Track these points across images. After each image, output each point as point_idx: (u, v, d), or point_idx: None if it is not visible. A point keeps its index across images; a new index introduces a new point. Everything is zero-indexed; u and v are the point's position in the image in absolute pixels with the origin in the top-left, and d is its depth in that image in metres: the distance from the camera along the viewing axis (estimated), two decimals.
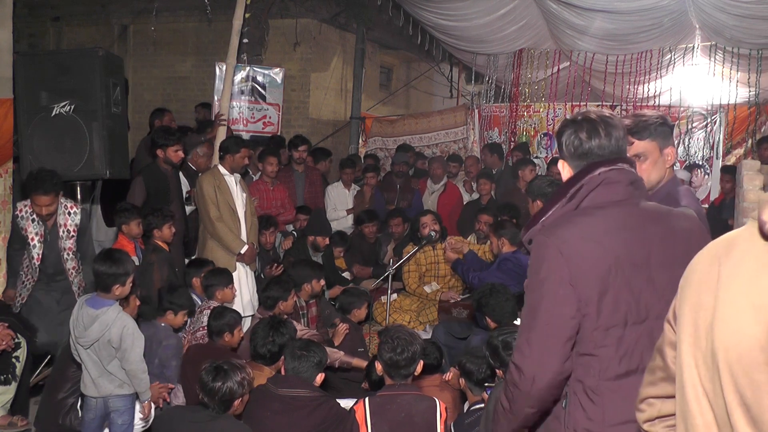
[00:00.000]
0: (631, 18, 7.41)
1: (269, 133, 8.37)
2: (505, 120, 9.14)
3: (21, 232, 4.68)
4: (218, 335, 4.10)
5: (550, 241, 1.89)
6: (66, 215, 4.74)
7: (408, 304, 6.07)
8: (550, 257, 1.87)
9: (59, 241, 4.73)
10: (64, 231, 4.76)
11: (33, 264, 4.70)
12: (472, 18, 8.29)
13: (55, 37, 11.30)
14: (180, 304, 4.27)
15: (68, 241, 4.75)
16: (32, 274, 4.73)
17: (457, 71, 11.70)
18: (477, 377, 3.62)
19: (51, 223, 4.72)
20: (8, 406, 4.28)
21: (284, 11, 9.77)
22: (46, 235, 4.72)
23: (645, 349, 1.86)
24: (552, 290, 1.85)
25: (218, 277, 4.72)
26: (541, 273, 1.88)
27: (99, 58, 4.74)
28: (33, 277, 4.73)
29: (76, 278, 4.84)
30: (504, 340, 3.31)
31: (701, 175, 8.11)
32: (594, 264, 1.85)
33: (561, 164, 2.08)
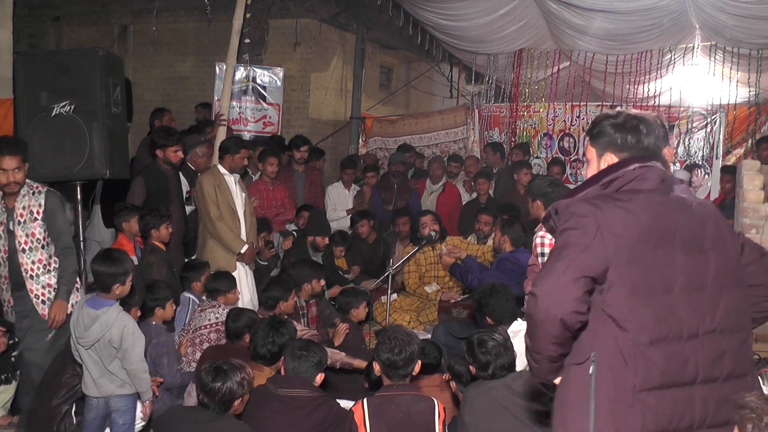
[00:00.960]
0: (631, 18, 7.41)
1: (269, 133, 8.37)
2: (505, 120, 9.14)
3: None
4: (237, 337, 4.11)
5: (584, 204, 1.98)
6: (30, 195, 4.16)
7: (408, 304, 6.07)
8: (583, 212, 1.95)
9: (17, 228, 4.11)
10: (27, 214, 4.13)
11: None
12: (472, 18, 8.29)
13: (55, 37, 11.30)
14: (164, 296, 4.29)
15: (31, 224, 4.12)
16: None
17: (457, 71, 11.70)
18: (466, 379, 3.62)
19: (13, 206, 4.13)
20: (8, 406, 4.28)
21: (284, 11, 9.77)
22: (8, 223, 4.12)
23: (676, 319, 1.92)
24: (580, 238, 1.92)
25: (221, 282, 4.74)
26: (570, 223, 1.95)
27: (99, 58, 4.74)
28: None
29: (43, 276, 4.16)
30: (480, 338, 3.35)
31: (701, 175, 8.11)
32: (625, 230, 1.92)
33: (591, 152, 2.15)
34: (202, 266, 5.07)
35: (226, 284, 4.76)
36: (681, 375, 1.90)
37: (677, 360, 1.91)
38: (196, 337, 4.51)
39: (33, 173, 4.79)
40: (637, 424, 1.87)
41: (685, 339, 1.92)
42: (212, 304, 4.64)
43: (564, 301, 1.86)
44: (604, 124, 2.12)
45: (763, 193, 4.15)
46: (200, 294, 4.98)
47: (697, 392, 1.92)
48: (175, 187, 5.70)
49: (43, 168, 4.74)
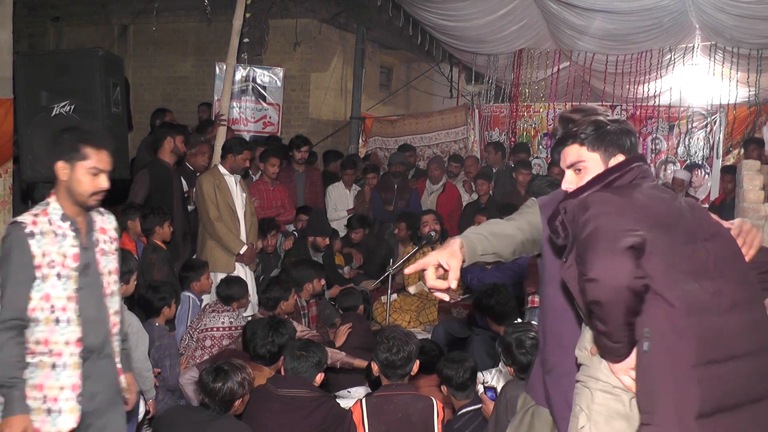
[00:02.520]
0: (631, 18, 7.41)
1: (269, 133, 8.37)
2: (505, 120, 9.15)
3: (27, 266, 2.56)
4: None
5: (601, 193, 2.03)
6: (98, 213, 2.83)
7: (408, 304, 6.07)
8: (604, 198, 1.99)
9: (100, 260, 2.78)
10: (105, 245, 2.81)
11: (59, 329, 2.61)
12: (472, 18, 8.29)
13: (55, 37, 11.30)
14: (169, 295, 4.30)
15: (112, 256, 2.85)
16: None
17: (457, 71, 11.70)
18: (456, 382, 3.62)
19: (90, 227, 2.78)
20: None
21: (284, 11, 9.76)
22: (83, 255, 2.70)
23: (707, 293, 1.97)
24: (609, 217, 1.94)
25: (235, 288, 4.78)
26: (593, 210, 1.95)
27: (99, 58, 4.74)
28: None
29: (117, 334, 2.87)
30: (518, 338, 3.28)
31: (701, 175, 8.11)
32: (647, 210, 1.98)
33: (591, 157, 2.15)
34: (201, 266, 5.09)
35: (240, 290, 4.79)
36: (732, 348, 1.95)
37: (725, 333, 1.95)
38: (205, 337, 4.50)
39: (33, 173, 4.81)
40: (696, 398, 1.90)
41: (724, 312, 1.97)
42: (225, 308, 4.65)
43: (622, 269, 1.87)
44: (604, 128, 2.16)
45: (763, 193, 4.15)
46: (199, 293, 5.00)
47: (750, 365, 1.97)
48: (177, 183, 5.74)
49: (43, 168, 4.74)
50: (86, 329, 2.66)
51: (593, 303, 1.92)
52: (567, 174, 2.22)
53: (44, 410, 2.56)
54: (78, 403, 2.62)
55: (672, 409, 1.91)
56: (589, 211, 1.98)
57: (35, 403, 2.56)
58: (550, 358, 2.45)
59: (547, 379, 2.46)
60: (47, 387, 2.56)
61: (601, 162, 2.15)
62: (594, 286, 1.90)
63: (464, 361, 3.68)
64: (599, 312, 1.93)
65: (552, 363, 2.44)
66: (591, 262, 1.91)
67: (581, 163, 2.17)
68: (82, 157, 2.61)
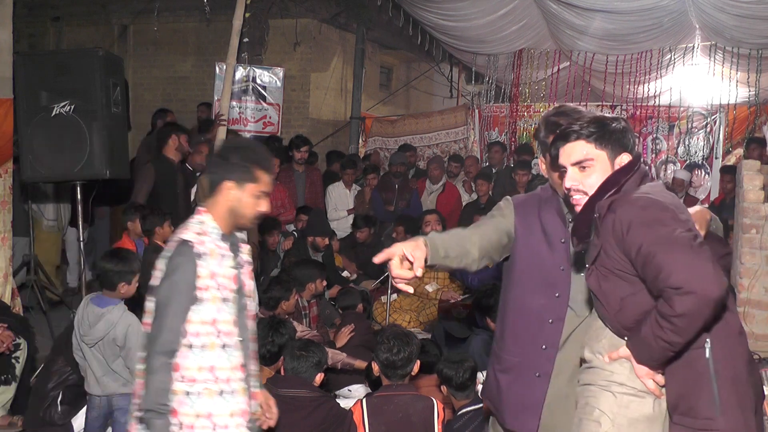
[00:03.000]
0: (630, 18, 7.41)
1: (269, 133, 8.38)
2: (505, 120, 9.15)
3: (193, 288, 2.39)
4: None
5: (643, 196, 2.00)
6: (239, 235, 2.65)
7: (408, 304, 6.07)
8: (653, 202, 1.97)
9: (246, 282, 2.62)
10: (247, 266, 2.64)
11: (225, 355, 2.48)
12: (472, 18, 8.29)
13: (55, 37, 11.29)
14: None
15: (251, 283, 2.68)
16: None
17: (457, 71, 11.69)
18: (456, 382, 3.62)
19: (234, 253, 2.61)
20: (8, 406, 4.28)
21: (284, 11, 9.76)
22: (238, 277, 2.55)
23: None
24: (677, 223, 1.94)
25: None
26: (650, 213, 1.95)
27: (99, 58, 4.75)
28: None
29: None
30: None
31: (701, 175, 8.11)
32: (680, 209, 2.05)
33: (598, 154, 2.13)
34: None
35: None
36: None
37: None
38: None
39: (33, 173, 4.81)
40: (750, 395, 1.99)
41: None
42: None
43: (717, 279, 1.84)
44: (609, 126, 2.14)
45: (763, 193, 4.15)
46: None
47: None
48: (181, 179, 5.78)
49: (43, 168, 4.75)
50: (244, 354, 2.52)
51: (678, 316, 1.85)
52: (570, 171, 2.15)
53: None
54: (248, 429, 2.50)
55: (738, 411, 1.94)
56: (644, 212, 1.94)
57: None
58: (509, 358, 2.49)
59: (502, 378, 2.49)
60: (216, 415, 2.39)
61: (608, 160, 2.11)
62: (687, 300, 1.83)
63: (464, 361, 3.69)
64: (682, 324, 1.86)
65: (510, 362, 2.49)
66: (679, 272, 1.84)
67: (589, 161, 2.11)
68: (253, 179, 2.48)
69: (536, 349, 2.42)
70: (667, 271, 1.85)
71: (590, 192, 2.10)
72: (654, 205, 1.97)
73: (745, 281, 4.10)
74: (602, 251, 2.03)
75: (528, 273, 2.49)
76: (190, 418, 2.36)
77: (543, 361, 2.41)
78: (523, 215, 2.52)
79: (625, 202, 2.00)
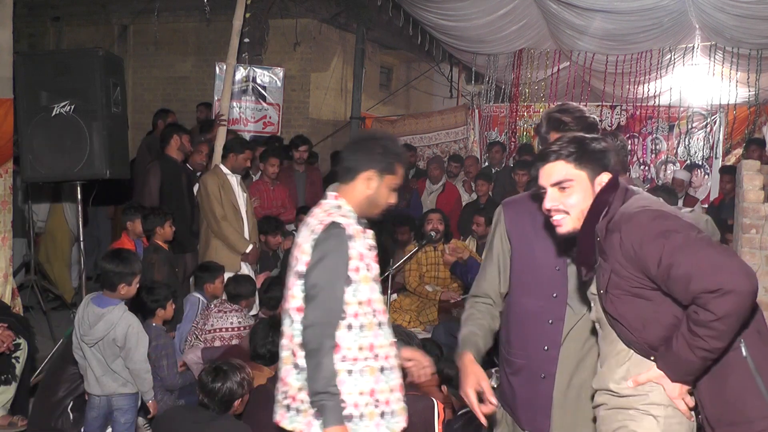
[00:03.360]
0: (631, 18, 7.41)
1: (269, 133, 8.38)
2: (505, 120, 9.15)
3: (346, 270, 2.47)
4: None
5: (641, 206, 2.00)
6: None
7: (408, 304, 6.06)
8: (661, 213, 1.96)
9: None
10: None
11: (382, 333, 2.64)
12: (472, 18, 8.29)
13: (55, 37, 11.29)
14: (163, 296, 4.27)
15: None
16: None
17: (457, 71, 11.70)
18: (457, 381, 3.61)
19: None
20: (8, 406, 4.28)
21: (284, 11, 9.76)
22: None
23: None
24: (685, 222, 1.94)
25: (244, 286, 4.74)
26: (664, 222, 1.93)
27: (99, 58, 4.74)
28: None
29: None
30: None
31: (701, 175, 8.11)
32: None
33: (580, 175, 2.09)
34: (217, 269, 5.02)
35: (250, 289, 4.77)
36: None
37: None
38: (214, 338, 4.47)
39: (33, 173, 4.81)
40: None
41: None
42: (233, 307, 4.61)
43: (748, 271, 1.82)
44: (588, 145, 2.10)
45: (763, 193, 4.14)
46: (211, 296, 4.93)
47: None
48: (185, 178, 5.80)
49: (43, 168, 4.75)
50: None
51: (719, 319, 1.80)
52: (550, 192, 2.12)
53: (378, 414, 2.46)
54: (404, 402, 2.58)
55: None
56: (652, 225, 1.92)
57: (368, 409, 2.44)
58: (516, 360, 2.54)
59: (514, 381, 2.54)
60: (378, 391, 2.46)
61: (588, 180, 2.09)
62: (728, 300, 1.78)
63: None
64: (724, 326, 1.82)
65: (517, 365, 2.53)
66: (712, 274, 1.80)
67: (569, 181, 2.09)
68: (393, 172, 2.52)
69: (539, 351, 2.44)
70: (699, 276, 1.81)
71: (571, 212, 2.09)
72: (658, 215, 1.95)
73: None
74: (613, 274, 1.99)
75: (524, 275, 2.51)
76: (353, 396, 2.42)
77: (546, 363, 2.43)
78: (514, 218, 2.56)
79: (628, 219, 1.97)
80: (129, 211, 5.12)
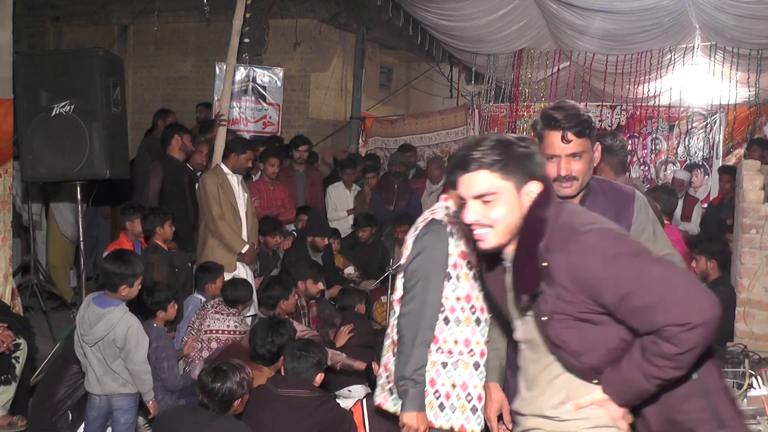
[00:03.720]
0: (631, 18, 7.41)
1: (269, 133, 8.38)
2: (505, 120, 9.14)
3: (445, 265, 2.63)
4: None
5: (588, 225, 1.83)
6: None
7: None
8: (609, 229, 1.84)
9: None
10: None
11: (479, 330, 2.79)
12: (472, 18, 8.29)
13: (55, 37, 11.29)
14: (164, 298, 4.27)
15: None
16: None
17: (457, 71, 11.70)
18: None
19: None
20: (8, 406, 4.28)
21: (284, 11, 9.76)
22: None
23: None
24: (635, 242, 1.84)
25: (241, 291, 4.73)
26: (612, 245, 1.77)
27: (99, 58, 4.74)
28: None
29: None
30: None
31: (701, 175, 8.11)
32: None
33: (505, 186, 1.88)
34: (218, 269, 5.02)
35: (247, 293, 4.77)
36: None
37: None
38: (211, 339, 4.47)
39: (33, 173, 4.81)
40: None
41: None
42: (230, 310, 4.61)
43: (712, 298, 1.71)
44: (514, 152, 1.85)
45: (763, 193, 4.14)
46: (212, 297, 4.92)
47: None
48: (187, 177, 5.82)
49: (43, 168, 4.75)
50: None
51: (685, 352, 1.70)
52: (471, 204, 1.87)
53: (469, 408, 2.56)
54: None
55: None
56: (604, 247, 1.76)
57: (459, 401, 2.57)
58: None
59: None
60: (471, 386, 2.56)
61: (514, 190, 1.86)
62: (695, 333, 1.68)
63: None
64: (688, 359, 1.72)
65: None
66: (681, 306, 1.68)
67: (492, 194, 1.85)
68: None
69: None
70: (664, 308, 1.68)
71: (496, 225, 1.85)
72: (609, 236, 1.80)
73: (745, 281, 4.10)
74: (558, 300, 1.82)
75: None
76: (446, 387, 2.55)
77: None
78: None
79: (575, 238, 1.80)
80: (128, 211, 5.12)
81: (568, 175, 2.29)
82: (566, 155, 2.27)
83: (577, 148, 2.28)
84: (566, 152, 2.28)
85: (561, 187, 2.29)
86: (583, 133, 2.29)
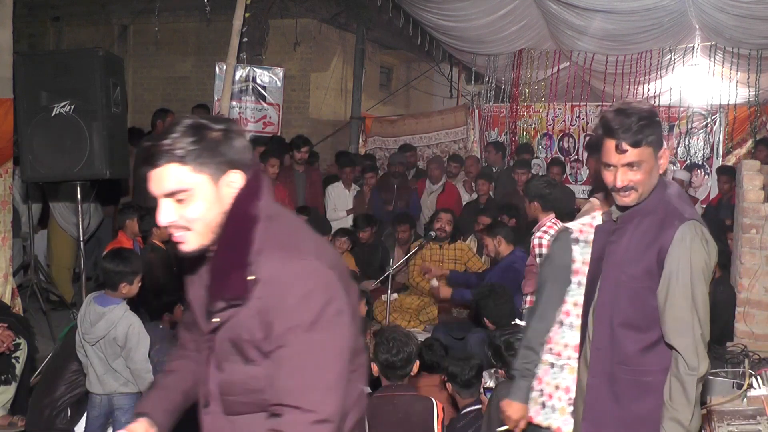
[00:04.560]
0: (631, 18, 7.41)
1: (269, 133, 8.38)
2: (505, 120, 9.15)
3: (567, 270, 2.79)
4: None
5: (303, 254, 1.65)
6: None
7: (408, 303, 6.07)
8: (323, 272, 1.64)
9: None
10: None
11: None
12: (472, 18, 8.29)
13: (55, 37, 11.30)
14: (171, 301, 4.28)
15: None
16: None
17: (457, 71, 11.70)
18: (462, 379, 3.62)
19: None
20: (8, 406, 4.28)
21: (284, 11, 9.77)
22: None
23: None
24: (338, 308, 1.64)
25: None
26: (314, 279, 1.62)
27: (99, 58, 4.74)
28: None
29: None
30: (506, 341, 3.32)
31: (701, 175, 8.11)
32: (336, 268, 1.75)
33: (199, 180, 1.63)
34: None
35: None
36: None
37: None
38: None
39: (33, 173, 4.81)
40: None
41: None
42: None
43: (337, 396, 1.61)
44: (209, 139, 1.63)
45: (763, 193, 4.15)
46: None
47: None
48: None
49: (43, 168, 4.75)
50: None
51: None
52: (164, 204, 1.63)
53: (568, 412, 2.62)
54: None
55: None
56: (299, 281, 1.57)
57: (560, 403, 2.65)
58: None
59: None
60: (573, 390, 2.55)
61: (212, 183, 1.63)
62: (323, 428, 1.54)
63: (470, 358, 3.70)
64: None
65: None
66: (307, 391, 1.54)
67: (185, 191, 1.61)
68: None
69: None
70: (298, 387, 1.54)
71: (194, 227, 1.63)
72: (314, 283, 1.58)
73: (745, 281, 4.10)
74: (239, 316, 1.63)
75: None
76: (550, 387, 2.66)
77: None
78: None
79: (269, 255, 1.60)
80: (126, 211, 5.10)
81: (624, 186, 2.15)
82: (622, 165, 2.13)
83: (634, 158, 2.12)
84: (622, 162, 2.13)
85: (619, 196, 2.18)
86: (639, 143, 2.10)
